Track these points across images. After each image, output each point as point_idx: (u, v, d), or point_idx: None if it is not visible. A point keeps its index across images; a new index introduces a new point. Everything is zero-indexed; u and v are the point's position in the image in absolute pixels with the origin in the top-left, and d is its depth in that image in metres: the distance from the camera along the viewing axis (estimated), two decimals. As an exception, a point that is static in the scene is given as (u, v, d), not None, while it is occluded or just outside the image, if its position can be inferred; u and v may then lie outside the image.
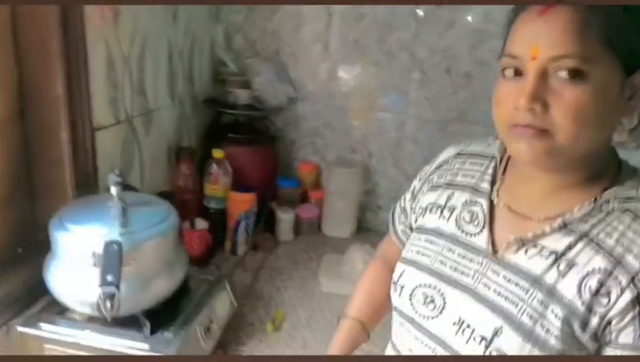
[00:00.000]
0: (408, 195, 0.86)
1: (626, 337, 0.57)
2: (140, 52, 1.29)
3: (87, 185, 1.14)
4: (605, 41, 0.55)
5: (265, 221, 1.62)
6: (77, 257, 0.91)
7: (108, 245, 0.83)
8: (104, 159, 1.19)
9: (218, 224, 1.54)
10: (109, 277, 0.77)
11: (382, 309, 0.86)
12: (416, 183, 0.85)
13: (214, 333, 1.09)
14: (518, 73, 0.59)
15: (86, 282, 0.87)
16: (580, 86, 0.55)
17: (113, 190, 0.96)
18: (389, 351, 0.80)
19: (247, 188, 1.54)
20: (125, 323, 0.96)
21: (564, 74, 0.55)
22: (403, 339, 0.74)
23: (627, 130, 0.62)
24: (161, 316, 1.01)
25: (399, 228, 0.89)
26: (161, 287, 1.01)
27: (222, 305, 1.16)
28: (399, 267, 0.76)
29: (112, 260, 0.81)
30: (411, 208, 0.84)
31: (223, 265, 1.46)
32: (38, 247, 1.06)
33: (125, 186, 1.20)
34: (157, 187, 1.47)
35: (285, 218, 1.64)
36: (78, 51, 1.05)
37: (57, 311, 0.99)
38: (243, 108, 1.66)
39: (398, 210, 0.90)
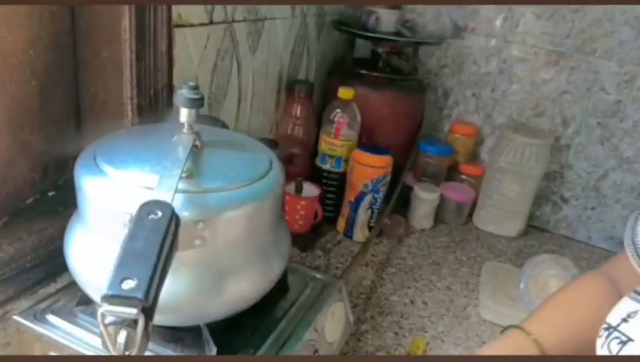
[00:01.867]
0: None
1: None
2: None
3: (155, 106, 0.74)
4: None
5: (396, 198, 1.15)
6: (107, 220, 0.51)
7: (143, 211, 0.40)
8: (184, 73, 0.78)
9: (333, 193, 1.10)
10: (130, 283, 0.34)
11: (579, 334, 0.59)
12: None
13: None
14: None
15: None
16: None
17: (183, 113, 0.55)
18: None
19: (380, 150, 1.07)
20: (179, 337, 0.57)
21: None
22: None
23: None
24: (237, 333, 0.61)
25: None
26: (246, 288, 0.59)
27: (334, 322, 0.73)
28: (628, 304, 0.47)
29: (146, 244, 0.38)
30: None
31: (333, 250, 1.03)
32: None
33: (210, 118, 0.81)
34: (257, 131, 1.06)
35: (425, 197, 1.16)
36: None
37: (80, 298, 0.60)
38: (387, 36, 1.16)
39: None
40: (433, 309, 0.90)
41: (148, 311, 0.35)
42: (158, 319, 0.53)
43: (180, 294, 0.53)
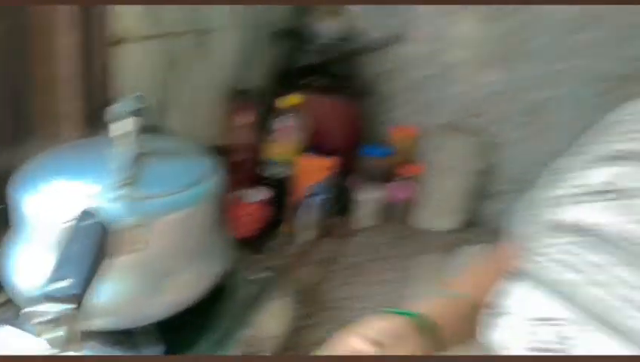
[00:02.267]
0: (550, 179, 0.55)
1: None
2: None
3: (100, 118, 0.77)
4: None
5: (341, 199, 1.20)
6: (44, 233, 0.54)
7: (81, 218, 0.44)
8: (128, 84, 0.81)
9: (279, 197, 1.14)
10: (64, 283, 0.38)
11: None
12: (565, 162, 0.55)
13: None
14: None
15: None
16: None
17: (126, 124, 0.58)
18: None
19: (324, 154, 1.13)
20: (125, 339, 0.60)
21: None
22: None
23: None
24: (183, 331, 0.64)
25: (531, 229, 0.55)
26: (186, 288, 0.63)
27: (277, 319, 0.78)
28: (517, 286, 0.50)
29: (83, 246, 0.42)
30: (555, 198, 0.52)
31: (280, 251, 1.08)
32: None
33: (152, 128, 0.84)
34: (204, 138, 1.09)
35: (368, 197, 1.22)
36: None
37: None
38: (329, 45, 1.22)
39: (529, 202, 0.58)
40: (372, 302, 0.96)
41: (81, 308, 0.39)
42: (104, 322, 0.56)
43: (124, 297, 0.56)
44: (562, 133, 1.20)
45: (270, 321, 0.76)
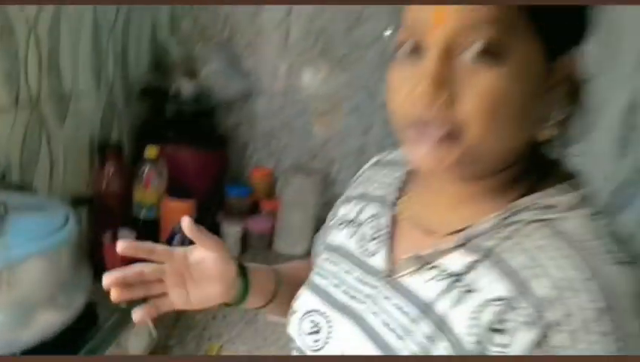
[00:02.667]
0: (330, 213, 0.73)
1: None
2: (52, 19, 1.04)
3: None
4: (527, 11, 0.43)
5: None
6: None
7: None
8: (-6, 151, 0.93)
9: (148, 236, 1.28)
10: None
11: (298, 286, 0.69)
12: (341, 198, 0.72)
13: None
14: (417, 50, 0.46)
15: None
16: (495, 68, 0.43)
17: (-12, 188, 0.72)
18: None
19: (186, 195, 1.30)
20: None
21: (477, 47, 0.43)
22: None
23: (552, 125, 0.48)
24: (54, 354, 0.77)
25: (319, 249, 0.73)
26: (50, 318, 0.77)
27: (137, 338, 0.93)
28: (300, 290, 0.63)
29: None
30: (330, 226, 0.70)
31: (151, 285, 1.22)
32: None
33: (17, 186, 0.96)
34: (73, 191, 1.21)
35: (231, 231, 1.41)
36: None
37: None
38: (187, 102, 1.42)
39: (321, 230, 0.75)
40: (230, 319, 1.14)
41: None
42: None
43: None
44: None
45: (134, 340, 0.91)
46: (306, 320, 0.60)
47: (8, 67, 0.95)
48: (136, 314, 0.59)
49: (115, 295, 0.58)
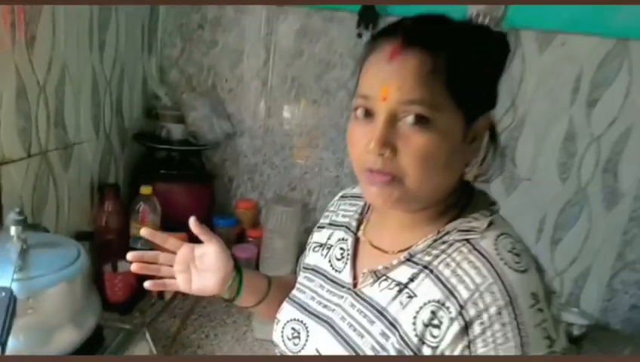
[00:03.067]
0: (309, 237, 0.87)
1: None
2: (58, 81, 1.20)
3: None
4: (450, 90, 0.58)
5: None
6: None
7: (-5, 292, 0.72)
8: (11, 196, 1.07)
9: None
10: (-9, 331, 0.66)
11: (285, 291, 0.81)
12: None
13: (128, 390, 0.98)
14: (368, 114, 0.61)
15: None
16: (426, 133, 0.58)
17: (12, 230, 0.86)
18: None
19: (179, 228, 1.44)
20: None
21: (411, 119, 0.58)
22: None
23: (475, 167, 0.67)
24: (67, 372, 0.90)
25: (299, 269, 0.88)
26: (67, 339, 0.90)
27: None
28: (283, 303, 0.77)
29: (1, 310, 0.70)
30: (307, 250, 0.84)
31: (148, 310, 1.35)
32: None
33: (32, 226, 1.10)
34: (76, 227, 1.35)
35: (220, 259, 1.54)
36: (-19, 77, 0.95)
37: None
38: (177, 144, 1.58)
39: (302, 256, 0.89)
40: (221, 338, 1.27)
41: (3, 346, 0.67)
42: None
43: (21, 348, 0.82)
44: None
45: (135, 359, 1.04)
46: (287, 327, 0.73)
47: (23, 123, 1.10)
48: (147, 284, 0.78)
49: (135, 267, 0.77)
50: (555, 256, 1.60)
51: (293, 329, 0.72)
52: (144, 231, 0.77)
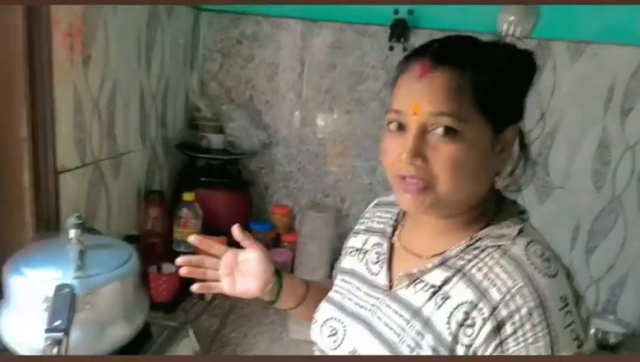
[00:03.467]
0: (345, 243, 0.91)
1: None
2: (110, 96, 1.30)
3: (49, 228, 1.12)
4: (477, 104, 0.63)
5: (236, 266, 1.59)
6: (30, 303, 0.88)
7: (58, 289, 0.80)
8: (68, 202, 1.17)
9: (187, 269, 1.51)
10: (57, 323, 0.74)
11: (322, 294, 0.86)
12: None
13: (174, 382, 1.05)
14: (401, 128, 0.66)
15: (38, 328, 0.84)
16: (455, 143, 0.62)
17: (71, 233, 0.94)
18: None
19: (218, 233, 1.52)
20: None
21: (440, 130, 0.62)
22: None
23: (506, 176, 0.71)
24: (119, 363, 0.98)
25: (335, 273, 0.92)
26: (119, 333, 0.97)
27: (184, 352, 1.13)
28: (320, 304, 0.82)
29: (62, 305, 0.78)
30: (343, 255, 0.89)
31: (191, 310, 1.42)
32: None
33: (88, 229, 1.19)
34: (124, 230, 1.45)
35: (256, 263, 1.61)
36: (44, 94, 1.05)
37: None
38: (216, 153, 1.67)
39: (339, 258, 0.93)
40: (258, 338, 1.33)
41: (67, 336, 0.74)
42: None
43: (79, 340, 0.90)
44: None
45: (181, 353, 1.11)
46: (325, 326, 0.78)
47: (79, 135, 1.20)
48: (195, 287, 0.84)
49: (183, 271, 0.84)
50: (591, 264, 1.60)
51: (331, 327, 0.76)
52: (193, 238, 0.84)
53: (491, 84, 0.64)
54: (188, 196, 1.50)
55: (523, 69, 0.68)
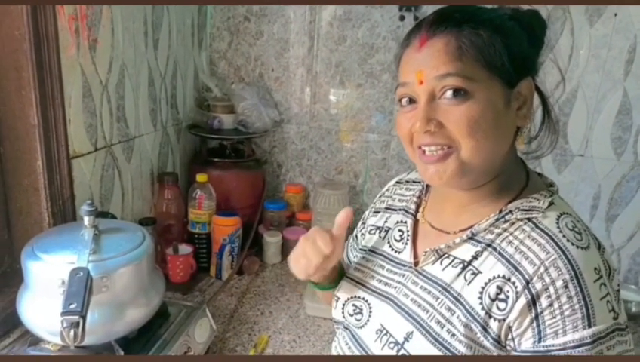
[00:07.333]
0: (360, 223, 0.92)
1: (526, 343, 0.60)
2: (118, 79, 1.30)
3: (64, 212, 1.13)
4: (481, 61, 0.62)
5: (251, 244, 1.60)
6: (47, 286, 0.90)
7: (73, 272, 0.81)
8: (81, 186, 1.18)
9: (203, 249, 1.52)
10: (73, 306, 0.75)
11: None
12: (366, 212, 0.91)
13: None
14: (412, 101, 0.66)
15: (56, 311, 0.86)
16: (466, 102, 0.62)
17: (85, 219, 0.96)
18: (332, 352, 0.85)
19: (232, 213, 1.53)
20: (99, 351, 0.95)
21: (449, 93, 0.62)
22: (337, 343, 0.81)
23: (529, 140, 0.69)
24: (137, 343, 1.00)
25: (352, 255, 0.91)
26: (136, 314, 0.99)
27: (201, 330, 1.14)
28: (341, 282, 0.82)
29: (78, 288, 0.79)
30: (361, 233, 0.89)
31: (207, 289, 1.44)
32: (14, 276, 1.05)
33: (102, 213, 1.21)
34: (139, 213, 1.46)
35: (272, 241, 1.62)
36: (52, 79, 1.05)
37: (31, 341, 0.97)
38: (228, 133, 1.66)
39: (351, 238, 0.93)
40: (275, 315, 1.35)
41: (83, 318, 0.76)
42: (85, 340, 0.91)
43: (97, 322, 0.92)
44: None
45: (198, 332, 1.13)
46: (348, 304, 0.78)
47: (89, 120, 1.20)
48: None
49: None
50: (612, 233, 1.56)
51: (354, 306, 0.77)
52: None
53: (492, 39, 0.62)
54: (201, 177, 1.51)
55: (527, 24, 0.66)
